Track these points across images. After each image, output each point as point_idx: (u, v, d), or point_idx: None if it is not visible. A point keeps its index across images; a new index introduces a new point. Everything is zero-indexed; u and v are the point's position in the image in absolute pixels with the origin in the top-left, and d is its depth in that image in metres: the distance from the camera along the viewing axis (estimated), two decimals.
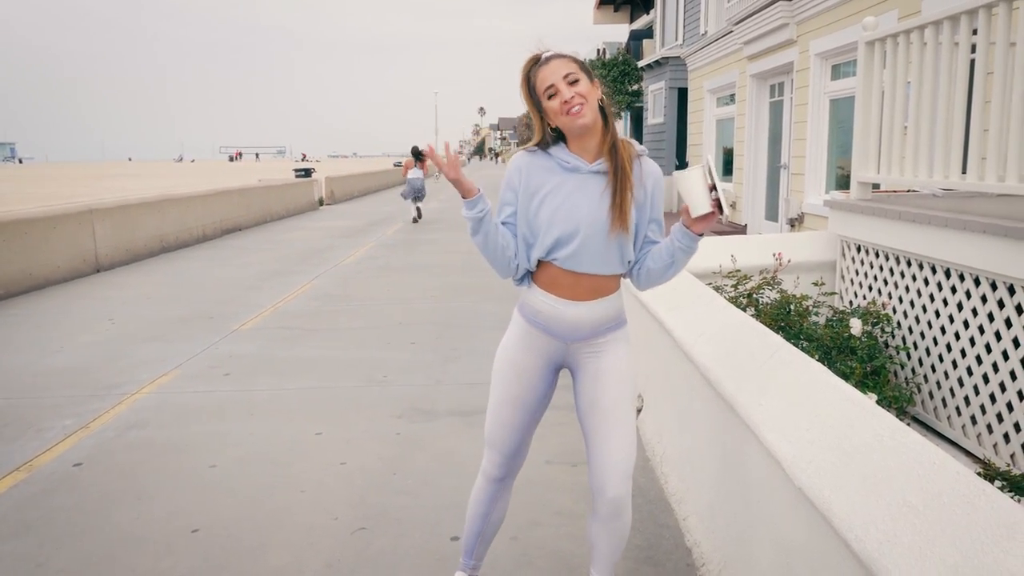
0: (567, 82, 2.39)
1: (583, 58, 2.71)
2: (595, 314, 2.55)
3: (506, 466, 2.77)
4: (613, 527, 2.60)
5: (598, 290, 2.54)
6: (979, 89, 4.44)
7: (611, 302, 2.58)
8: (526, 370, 2.64)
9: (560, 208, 2.46)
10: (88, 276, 11.40)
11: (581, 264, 2.48)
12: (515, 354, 2.66)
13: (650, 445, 4.47)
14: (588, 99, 2.39)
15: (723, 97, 16.44)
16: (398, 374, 6.15)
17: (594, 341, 2.59)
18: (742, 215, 14.47)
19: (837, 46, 10.06)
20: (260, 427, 5.01)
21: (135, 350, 6.99)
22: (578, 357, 2.62)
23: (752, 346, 3.07)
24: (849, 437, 2.13)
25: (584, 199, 2.46)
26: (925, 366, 4.72)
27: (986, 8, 4.26)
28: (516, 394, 2.66)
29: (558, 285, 2.53)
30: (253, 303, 9.09)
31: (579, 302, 2.53)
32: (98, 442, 4.81)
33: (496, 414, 2.70)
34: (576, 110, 2.37)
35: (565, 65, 2.41)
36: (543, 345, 2.61)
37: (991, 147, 4.26)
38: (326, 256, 13.19)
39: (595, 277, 2.52)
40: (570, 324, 2.55)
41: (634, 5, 30.28)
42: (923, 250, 4.66)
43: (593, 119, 2.42)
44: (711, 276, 5.42)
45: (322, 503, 3.93)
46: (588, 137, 2.46)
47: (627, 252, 2.53)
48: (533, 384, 2.65)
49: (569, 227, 2.44)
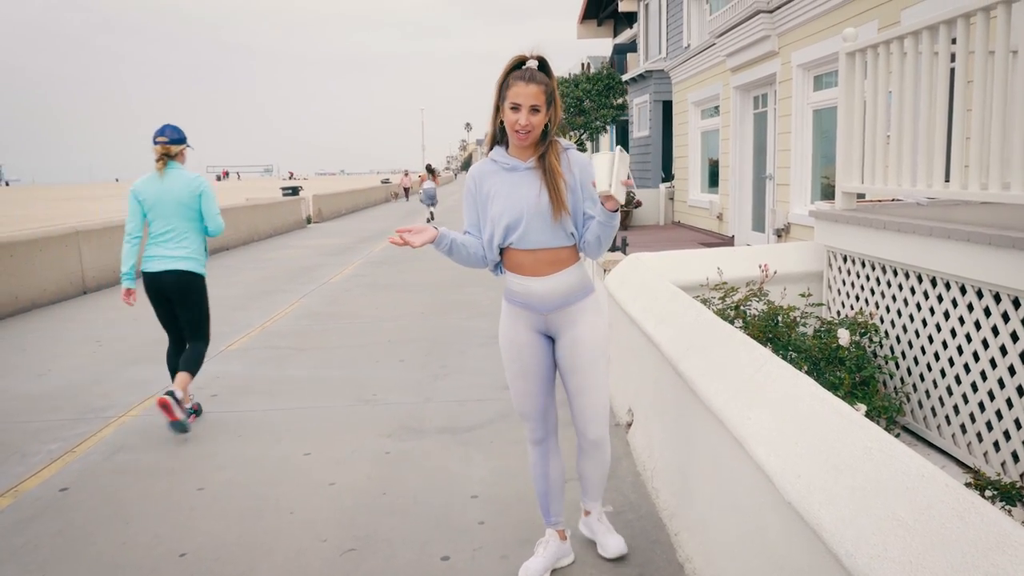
0: (530, 111, 2.88)
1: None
2: (560, 285, 3.04)
3: (542, 429, 3.26)
4: (597, 460, 3.29)
5: (555, 263, 3.04)
6: (960, 98, 4.46)
7: (571, 273, 3.07)
8: (523, 344, 3.14)
9: (506, 201, 3.00)
10: (75, 298, 11.33)
11: (532, 242, 3.01)
12: (510, 332, 3.16)
13: (640, 460, 4.46)
14: (535, 129, 2.92)
15: (707, 109, 16.51)
16: (387, 392, 6.12)
17: (567, 309, 3.08)
18: (728, 226, 14.51)
19: (819, 57, 10.12)
20: (248, 448, 4.97)
21: (122, 372, 6.94)
22: (558, 325, 3.11)
23: (740, 359, 3.07)
24: (838, 450, 2.12)
25: (524, 190, 2.99)
26: (914, 375, 4.72)
27: (964, 17, 4.29)
28: (522, 365, 3.16)
29: (521, 265, 3.06)
30: (241, 323, 9.04)
31: (543, 277, 3.03)
32: (84, 466, 4.76)
33: (515, 388, 3.21)
34: (523, 135, 2.92)
35: (536, 95, 2.87)
36: (528, 318, 3.11)
37: (973, 155, 4.28)
38: (314, 274, 13.15)
39: (548, 251, 3.02)
40: (542, 297, 3.05)
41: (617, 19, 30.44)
42: (908, 259, 4.67)
43: (532, 141, 2.97)
44: (698, 289, 5.42)
45: (311, 525, 3.90)
46: (528, 146, 3.01)
47: (569, 227, 3.01)
48: (533, 353, 3.15)
49: (515, 214, 2.98)
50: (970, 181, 4.32)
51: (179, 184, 5.26)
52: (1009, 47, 4.11)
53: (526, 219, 2.97)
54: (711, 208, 15.49)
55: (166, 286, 5.28)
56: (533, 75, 2.87)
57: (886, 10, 8.27)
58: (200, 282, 5.41)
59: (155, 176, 5.27)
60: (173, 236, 5.28)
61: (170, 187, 5.24)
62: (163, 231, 5.28)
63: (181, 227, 5.29)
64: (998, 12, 4.00)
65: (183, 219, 5.29)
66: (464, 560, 3.50)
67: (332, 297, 10.78)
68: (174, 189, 5.24)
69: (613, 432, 5.04)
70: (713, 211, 15.37)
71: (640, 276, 5.20)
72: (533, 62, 2.91)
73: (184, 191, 5.26)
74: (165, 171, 5.25)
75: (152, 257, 5.29)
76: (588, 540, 3.60)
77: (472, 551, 3.58)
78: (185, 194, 5.26)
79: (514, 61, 2.92)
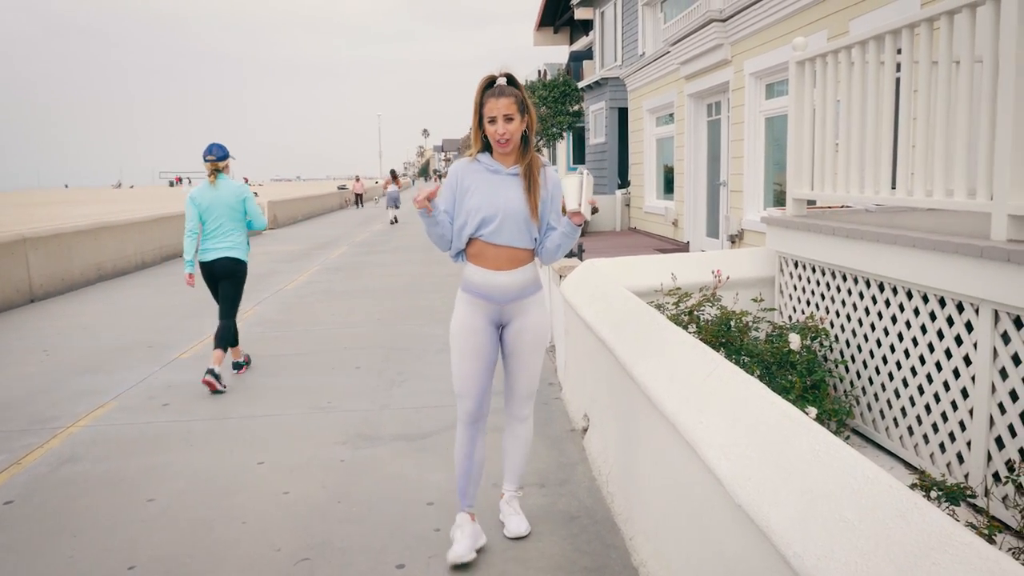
0: (505, 120, 3.31)
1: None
2: (516, 280, 3.45)
3: (477, 410, 3.55)
4: (520, 437, 3.71)
5: (514, 260, 3.44)
6: (905, 106, 4.56)
7: (527, 271, 3.49)
8: (478, 329, 3.49)
9: (484, 198, 3.39)
10: (22, 307, 11.08)
11: (501, 237, 3.40)
12: (466, 319, 3.50)
13: (596, 465, 4.48)
14: (513, 137, 3.35)
15: (662, 116, 16.68)
16: (343, 400, 6.08)
17: (519, 302, 3.49)
18: (684, 232, 14.66)
19: (770, 66, 10.28)
20: (200, 458, 4.90)
21: (70, 382, 6.80)
22: (510, 315, 3.52)
23: (693, 364, 3.10)
24: (786, 453, 2.15)
25: (503, 191, 3.40)
26: (863, 379, 4.81)
27: (909, 28, 4.38)
28: (472, 347, 3.49)
29: (484, 257, 3.44)
30: (193, 331, 8.92)
31: (503, 271, 3.42)
32: (30, 478, 4.66)
33: (459, 368, 3.52)
34: (502, 142, 3.35)
35: (508, 106, 3.30)
36: (485, 308, 3.48)
37: (918, 163, 4.37)
38: (268, 281, 13.02)
39: (511, 249, 3.42)
40: (500, 289, 3.44)
41: (573, 27, 30.62)
42: (857, 264, 4.76)
43: (512, 147, 3.39)
44: (652, 294, 5.47)
45: (264, 534, 3.85)
46: (509, 152, 3.43)
47: (534, 231, 3.46)
48: (485, 339, 3.50)
49: (492, 210, 3.38)
50: (916, 188, 4.42)
51: (227, 191, 6.55)
52: (952, 57, 4.22)
53: (501, 217, 3.38)
54: (667, 214, 15.64)
55: (217, 270, 6.57)
56: (503, 90, 3.32)
57: (835, 20, 8.43)
58: (243, 267, 6.70)
59: (207, 185, 6.57)
60: (223, 232, 6.55)
61: (220, 194, 6.53)
62: (214, 228, 6.55)
63: (228, 225, 6.57)
64: (941, 23, 4.10)
65: (230, 219, 6.57)
66: (419, 568, 3.48)
67: (287, 304, 10.68)
68: (223, 195, 6.53)
69: (569, 437, 5.06)
70: (668, 217, 15.51)
71: (595, 282, 5.23)
72: (502, 79, 3.36)
73: (232, 197, 6.56)
74: (216, 181, 6.55)
75: (207, 249, 6.56)
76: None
77: (427, 559, 3.56)
78: (232, 199, 6.55)
79: (486, 81, 3.37)
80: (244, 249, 6.69)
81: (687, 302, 5.13)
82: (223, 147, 6.61)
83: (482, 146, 3.46)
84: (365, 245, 19.17)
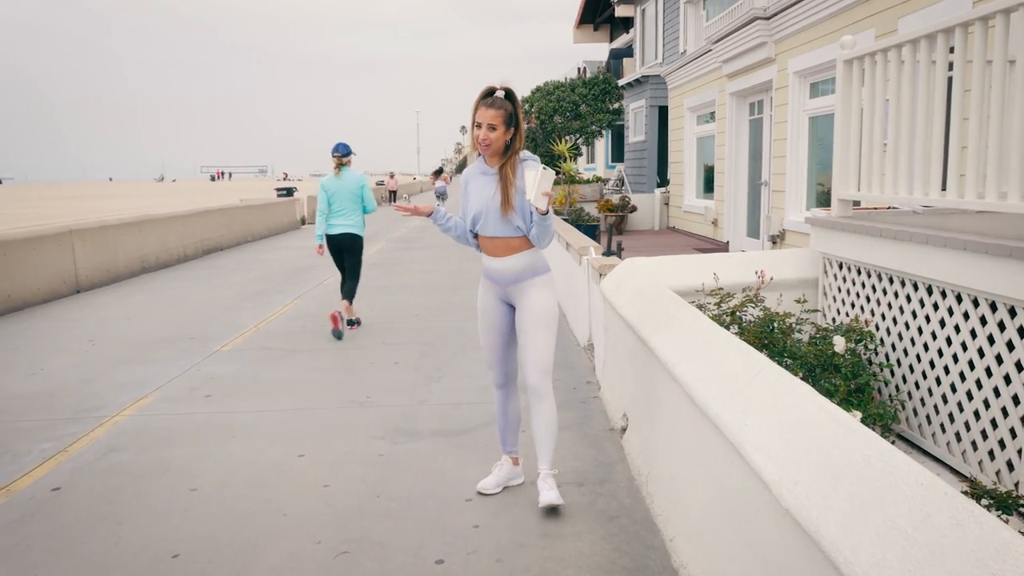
0: (488, 128, 3.75)
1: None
2: (512, 265, 3.93)
3: (503, 376, 4.21)
4: (539, 411, 3.99)
5: (507, 249, 3.92)
6: (957, 107, 4.47)
7: (522, 258, 3.93)
8: (490, 307, 4.10)
9: (475, 197, 3.95)
10: (67, 297, 11.29)
11: (488, 230, 3.92)
12: (482, 298, 4.14)
13: (635, 465, 4.45)
14: (492, 144, 3.79)
15: (703, 115, 16.55)
16: (381, 394, 6.11)
17: (519, 284, 3.97)
18: (723, 232, 14.53)
19: (815, 64, 10.15)
20: (241, 450, 4.96)
21: (115, 372, 6.91)
22: (514, 296, 4.01)
23: (736, 365, 3.06)
24: (836, 458, 2.12)
25: (487, 190, 3.89)
26: (909, 383, 4.73)
27: (962, 26, 4.30)
28: (488, 323, 4.12)
29: (486, 247, 4.00)
30: (234, 323, 9.02)
31: (499, 258, 3.94)
32: (76, 466, 4.74)
33: (484, 341, 4.17)
34: (483, 147, 3.83)
35: (494, 117, 3.74)
36: (494, 288, 4.06)
37: (970, 164, 4.28)
38: (308, 276, 13.13)
39: (501, 239, 3.91)
40: (499, 273, 3.97)
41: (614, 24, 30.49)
42: (904, 267, 4.68)
43: (492, 152, 3.84)
44: (694, 294, 5.42)
45: (304, 527, 3.88)
46: (492, 156, 3.88)
47: (516, 221, 3.85)
48: (496, 315, 4.10)
49: (479, 207, 3.91)
50: (967, 190, 4.33)
51: (350, 180, 8.25)
52: (1007, 56, 4.12)
53: (485, 212, 3.89)
54: (706, 214, 15.52)
55: (342, 243, 8.31)
56: (494, 101, 3.74)
57: (883, 18, 8.30)
58: (361, 241, 8.41)
59: (333, 176, 8.28)
60: (345, 212, 8.25)
61: (344, 182, 8.23)
62: (339, 210, 8.25)
63: (349, 207, 8.26)
64: (996, 21, 4.01)
65: (351, 202, 8.26)
66: (458, 564, 3.49)
67: (326, 299, 10.76)
68: (347, 184, 8.23)
69: (608, 437, 5.04)
70: (708, 217, 15.39)
71: (635, 281, 5.20)
72: (501, 92, 3.77)
73: (353, 185, 8.26)
74: (341, 172, 8.24)
75: (333, 226, 8.27)
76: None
77: (466, 555, 3.57)
78: (353, 186, 8.25)
79: (485, 90, 3.79)
80: (361, 227, 8.38)
81: (729, 303, 5.07)
82: (347, 146, 8.30)
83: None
84: (402, 241, 19.26)
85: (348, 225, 8.24)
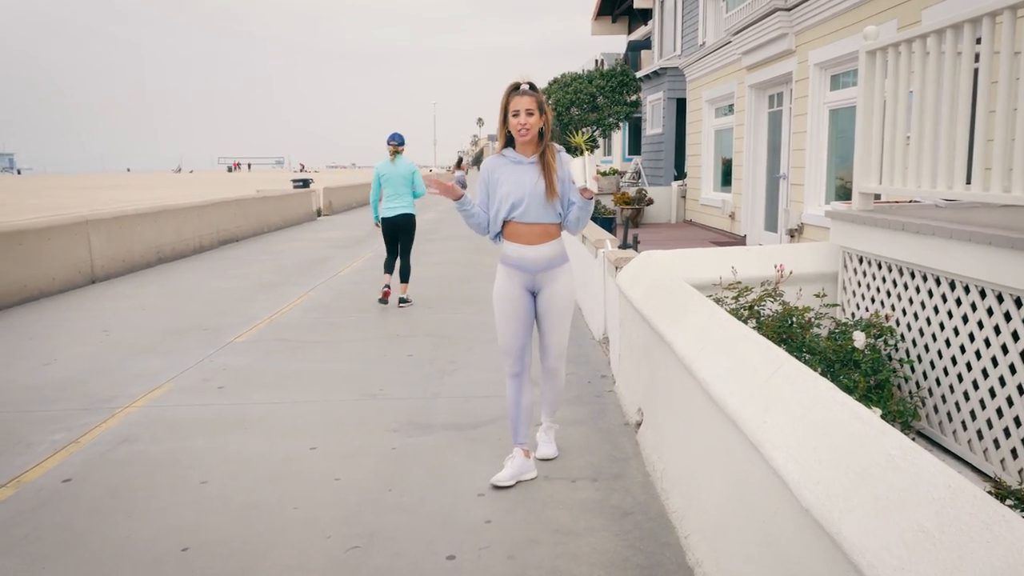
0: (526, 113, 3.99)
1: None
2: (545, 253, 4.12)
3: (519, 364, 4.25)
4: (551, 384, 4.40)
5: (544, 235, 4.11)
6: (983, 99, 4.37)
7: (555, 245, 4.15)
8: (515, 296, 4.18)
9: (512, 185, 4.07)
10: (83, 287, 11.32)
11: (529, 216, 4.07)
12: (504, 288, 4.19)
13: (650, 460, 4.39)
14: (532, 128, 4.01)
15: (721, 107, 16.41)
16: (395, 387, 6.07)
17: (549, 271, 4.15)
18: (741, 225, 14.41)
19: (836, 56, 10.02)
20: (253, 442, 4.93)
21: (128, 362, 6.90)
22: (542, 282, 4.18)
23: (755, 360, 2.99)
24: (858, 457, 2.05)
25: (526, 178, 4.06)
26: (929, 379, 4.64)
27: (990, 16, 4.20)
28: (510, 311, 4.19)
29: (518, 235, 4.12)
30: (249, 315, 9.01)
31: (534, 246, 4.10)
32: (88, 457, 4.72)
33: (501, 329, 4.23)
34: (523, 132, 4.02)
35: (529, 102, 3.99)
36: (520, 277, 4.16)
37: (996, 157, 4.19)
38: (323, 267, 13.12)
39: (540, 225, 4.08)
40: (532, 260, 4.12)
41: (632, 16, 30.29)
42: (927, 261, 4.59)
43: (531, 138, 4.05)
44: (711, 288, 5.34)
45: (315, 521, 3.84)
46: (527, 145, 4.10)
47: (557, 207, 4.09)
48: (520, 304, 4.19)
49: (519, 195, 4.05)
50: (992, 183, 4.24)
51: (403, 167, 9.27)
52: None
53: (527, 199, 4.04)
54: (723, 207, 15.39)
55: (397, 223, 9.33)
56: (526, 91, 4.02)
57: (906, 9, 8.16)
58: (414, 219, 9.46)
59: (388, 161, 9.27)
60: (398, 195, 9.27)
61: (398, 168, 9.24)
62: (392, 193, 9.27)
63: (402, 191, 9.27)
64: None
65: (403, 186, 9.26)
66: (470, 560, 3.44)
67: (341, 290, 10.74)
68: (400, 170, 9.24)
69: (622, 431, 4.98)
70: (725, 210, 15.27)
71: (652, 274, 5.13)
72: (526, 85, 4.02)
73: (406, 171, 9.27)
74: (396, 159, 9.22)
75: (388, 208, 9.30)
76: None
77: (478, 550, 3.52)
78: (406, 172, 9.26)
79: (511, 86, 4.04)
80: (413, 208, 9.40)
81: (747, 297, 4.99)
82: (401, 136, 9.31)
83: (505, 142, 4.15)
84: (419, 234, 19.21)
85: (402, 206, 9.27)
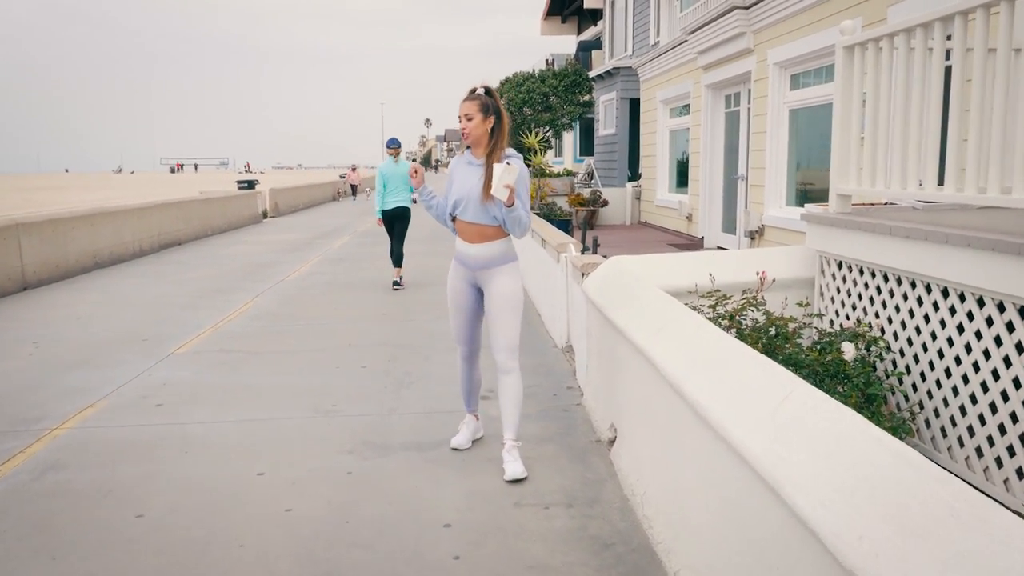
0: (466, 119, 4.16)
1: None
2: (483, 252, 4.28)
3: (468, 349, 4.60)
4: (506, 385, 4.33)
5: (479, 236, 4.27)
6: (956, 97, 4.17)
7: (493, 246, 4.28)
8: (459, 289, 4.45)
9: (460, 184, 4.29)
10: (13, 295, 10.68)
11: (467, 215, 4.25)
12: (451, 280, 4.48)
13: (627, 482, 4.08)
14: (471, 132, 4.18)
15: (677, 108, 16.24)
16: (348, 403, 5.68)
17: (488, 270, 4.31)
18: (698, 227, 14.24)
19: (797, 55, 9.86)
20: (195, 467, 4.51)
21: (59, 378, 6.40)
22: (482, 280, 4.35)
23: (759, 382, 2.69)
24: (910, 507, 1.75)
25: (471, 179, 4.24)
26: (920, 392, 4.40)
27: (962, 15, 4.00)
28: (456, 304, 4.48)
29: (461, 232, 4.34)
30: (191, 324, 8.52)
31: (473, 244, 4.28)
32: (9, 488, 4.27)
33: (452, 320, 4.56)
34: (464, 135, 4.21)
35: (468, 107, 4.17)
36: (463, 272, 4.40)
37: (971, 158, 3.99)
38: (270, 272, 12.61)
39: (477, 226, 4.25)
40: (472, 258, 4.31)
41: (582, 16, 30.12)
42: (908, 265, 4.37)
43: (475, 140, 4.23)
44: (687, 296, 5.06)
45: (264, 560, 3.46)
46: (477, 146, 4.28)
47: (493, 211, 4.19)
48: (465, 297, 4.45)
49: (462, 193, 4.25)
50: (967, 185, 4.05)
51: (402, 167, 10.43)
52: (1012, 44, 3.83)
53: (467, 199, 4.24)
54: (680, 208, 15.22)
55: (395, 214, 10.59)
56: (469, 95, 4.20)
57: (871, 7, 8.00)
58: (409, 211, 10.71)
59: (390, 161, 10.42)
60: (397, 191, 10.50)
61: (398, 169, 10.40)
62: (393, 189, 10.47)
63: (401, 187, 10.50)
64: (1001, 8, 3.71)
65: (403, 183, 10.49)
66: None
67: (289, 296, 10.28)
68: (400, 170, 10.41)
69: (594, 449, 4.67)
70: (682, 211, 15.10)
71: (623, 282, 4.82)
72: (481, 89, 4.21)
73: (404, 170, 10.40)
74: (398, 160, 10.41)
75: (388, 202, 10.52)
76: None
77: None
78: (405, 172, 10.40)
79: (469, 90, 4.24)
80: (409, 202, 10.58)
81: (726, 305, 4.72)
82: (398, 140, 10.58)
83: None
84: (369, 235, 18.71)
85: (400, 200, 10.57)
